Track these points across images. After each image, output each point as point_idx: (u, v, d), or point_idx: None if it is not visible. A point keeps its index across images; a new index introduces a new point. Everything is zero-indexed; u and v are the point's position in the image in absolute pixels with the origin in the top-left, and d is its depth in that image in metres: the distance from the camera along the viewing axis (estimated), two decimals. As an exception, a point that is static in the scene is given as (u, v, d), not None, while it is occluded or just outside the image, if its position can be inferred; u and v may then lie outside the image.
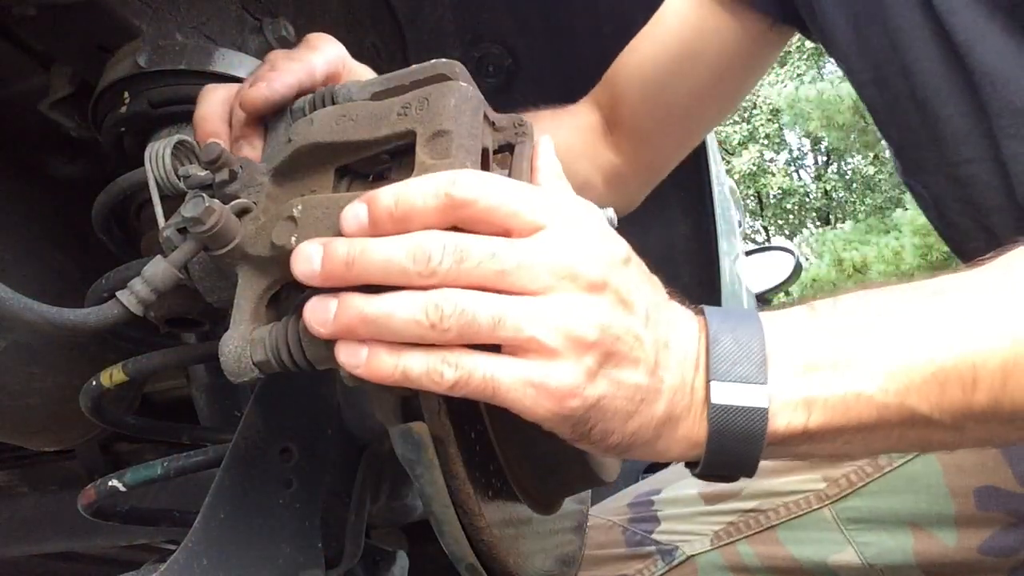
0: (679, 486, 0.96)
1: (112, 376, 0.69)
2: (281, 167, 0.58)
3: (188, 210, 0.56)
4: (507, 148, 0.65)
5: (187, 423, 0.96)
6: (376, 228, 0.49)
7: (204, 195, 0.57)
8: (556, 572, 0.66)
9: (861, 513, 0.87)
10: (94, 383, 0.71)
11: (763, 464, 0.97)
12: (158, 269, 0.59)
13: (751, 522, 0.91)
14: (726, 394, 0.50)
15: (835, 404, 0.51)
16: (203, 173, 0.61)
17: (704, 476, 0.55)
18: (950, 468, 0.85)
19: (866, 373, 0.51)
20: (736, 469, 0.53)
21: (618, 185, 1.01)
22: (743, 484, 0.91)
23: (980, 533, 0.83)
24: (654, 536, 0.94)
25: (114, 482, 0.70)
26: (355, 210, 0.50)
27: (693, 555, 0.92)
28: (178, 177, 0.71)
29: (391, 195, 0.49)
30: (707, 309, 0.55)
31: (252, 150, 0.66)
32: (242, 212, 0.58)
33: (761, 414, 0.50)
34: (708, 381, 0.51)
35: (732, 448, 0.51)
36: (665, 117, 0.99)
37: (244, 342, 0.55)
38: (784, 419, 0.51)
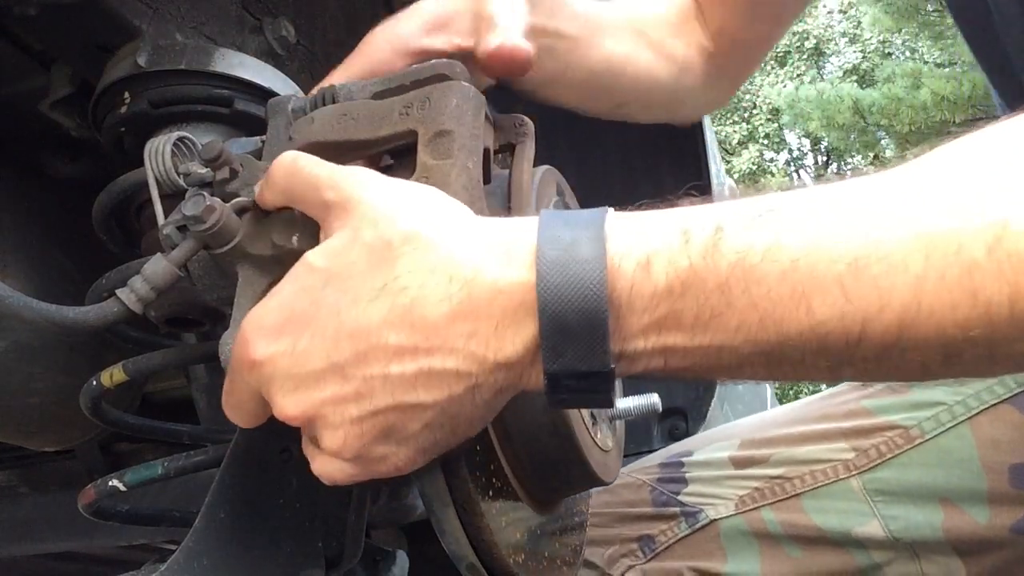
0: (711, 449, 0.96)
1: (112, 376, 0.69)
2: None
3: (188, 208, 0.56)
4: (508, 148, 0.65)
5: (186, 423, 0.96)
6: None
7: (204, 193, 0.57)
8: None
9: (889, 485, 0.85)
10: (94, 383, 0.71)
11: (791, 431, 0.93)
12: (158, 267, 0.59)
13: (776, 489, 0.89)
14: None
15: (695, 354, 0.46)
16: (203, 171, 0.61)
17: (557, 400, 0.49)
18: (985, 443, 0.82)
19: (730, 330, 0.45)
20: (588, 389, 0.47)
21: (715, 69, 0.97)
22: (772, 451, 0.91)
23: (1013, 512, 0.81)
24: (680, 497, 0.93)
25: (114, 482, 0.70)
26: None
27: (716, 519, 0.91)
28: (178, 174, 0.71)
29: None
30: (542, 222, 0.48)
31: None
32: (242, 210, 0.58)
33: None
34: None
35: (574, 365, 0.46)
36: None
37: None
38: (640, 366, 0.48)
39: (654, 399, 0.70)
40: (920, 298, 0.43)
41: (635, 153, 1.47)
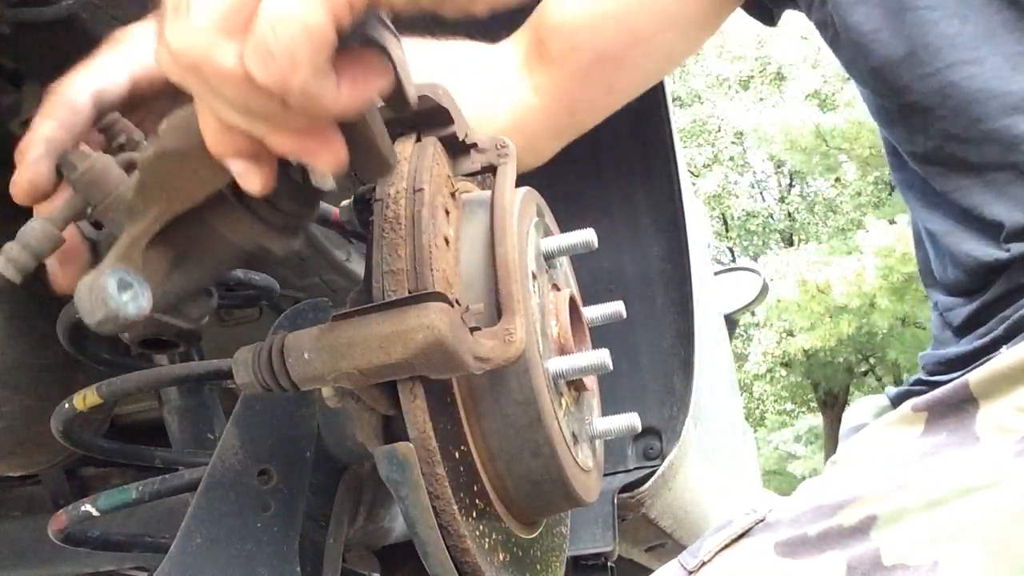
0: None
1: (86, 398, 0.68)
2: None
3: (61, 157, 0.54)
4: (489, 169, 0.66)
5: (153, 446, 0.94)
6: None
7: (83, 145, 0.55)
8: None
9: None
10: (67, 406, 0.69)
11: None
12: (35, 227, 0.54)
13: None
14: None
15: None
16: (110, 144, 0.58)
17: None
18: None
19: None
20: None
21: (527, 130, 0.93)
22: None
23: None
24: None
25: (87, 507, 0.69)
26: None
27: None
28: None
29: None
30: None
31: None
32: (130, 166, 0.54)
33: None
34: None
35: None
36: (596, 61, 0.93)
37: (100, 275, 0.50)
38: None
39: (633, 419, 0.71)
40: None
41: (608, 174, 1.48)
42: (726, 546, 0.70)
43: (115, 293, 0.49)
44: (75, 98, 0.57)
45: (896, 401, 0.80)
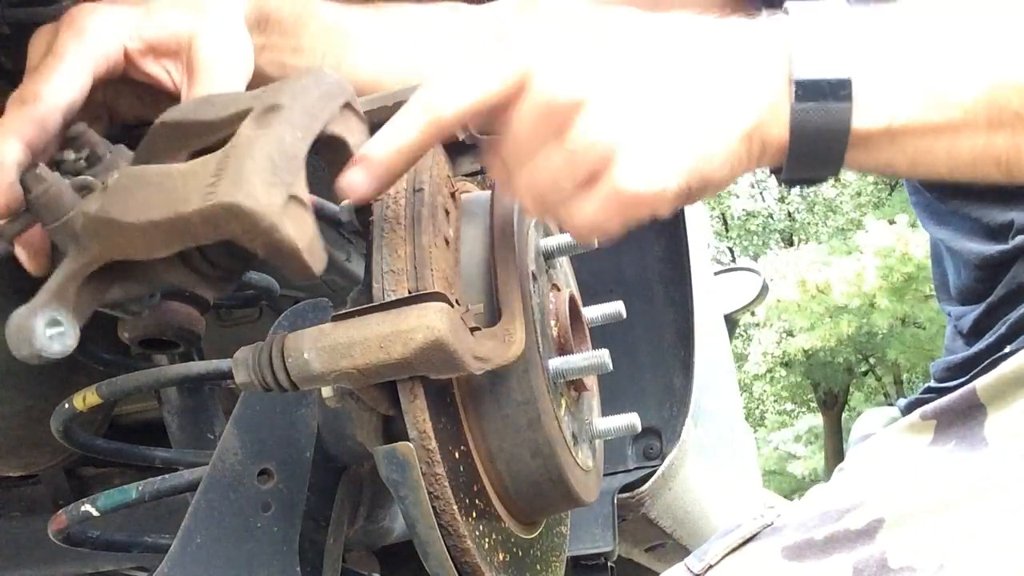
0: None
1: (86, 399, 0.68)
2: (140, 151, 0.56)
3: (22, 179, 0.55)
4: (484, 172, 0.66)
5: (153, 446, 0.94)
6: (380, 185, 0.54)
7: (43, 166, 0.55)
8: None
9: None
10: (67, 406, 0.69)
11: None
12: None
13: None
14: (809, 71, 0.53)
15: (922, 99, 0.52)
16: (69, 156, 0.59)
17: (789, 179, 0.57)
18: None
19: (955, 69, 0.52)
20: (821, 162, 0.55)
21: None
22: None
23: None
24: None
25: (87, 507, 0.69)
26: (351, 178, 0.53)
27: None
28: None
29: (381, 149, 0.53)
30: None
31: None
32: (83, 189, 0.55)
33: (846, 88, 0.52)
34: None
35: (816, 133, 0.53)
36: None
37: (32, 316, 0.51)
38: (869, 110, 0.53)
39: (633, 419, 0.71)
40: None
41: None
42: (733, 550, 0.70)
43: (41, 333, 0.51)
44: (47, 115, 0.58)
45: (906, 411, 0.80)
